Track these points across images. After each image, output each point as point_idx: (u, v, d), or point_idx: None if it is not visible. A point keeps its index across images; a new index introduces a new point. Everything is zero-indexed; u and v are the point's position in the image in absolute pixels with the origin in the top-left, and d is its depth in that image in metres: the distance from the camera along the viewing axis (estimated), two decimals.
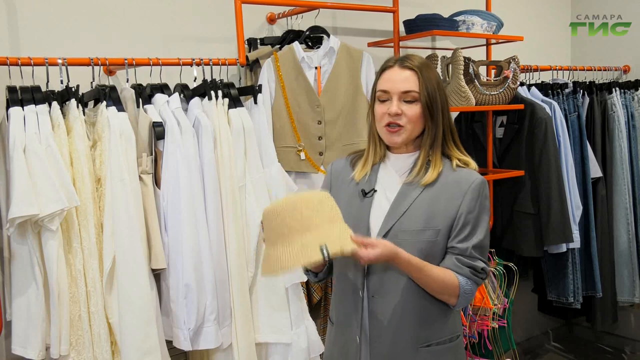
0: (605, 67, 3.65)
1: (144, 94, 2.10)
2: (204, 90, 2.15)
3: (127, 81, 2.09)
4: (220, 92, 2.16)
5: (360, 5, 2.75)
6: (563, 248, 3.09)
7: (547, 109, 3.06)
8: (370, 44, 2.96)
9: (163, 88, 2.16)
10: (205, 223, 2.04)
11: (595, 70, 3.59)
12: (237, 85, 2.27)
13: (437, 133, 1.56)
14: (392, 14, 2.79)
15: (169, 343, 2.06)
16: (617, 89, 3.43)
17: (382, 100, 1.56)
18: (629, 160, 3.41)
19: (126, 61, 2.06)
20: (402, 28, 2.86)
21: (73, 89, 1.93)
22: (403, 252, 1.46)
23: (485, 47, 3.21)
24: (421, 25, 2.76)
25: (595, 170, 3.31)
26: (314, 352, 2.27)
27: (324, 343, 2.30)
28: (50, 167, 1.79)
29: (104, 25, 2.31)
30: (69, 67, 1.97)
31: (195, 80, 2.22)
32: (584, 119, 3.35)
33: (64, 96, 1.94)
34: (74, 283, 1.86)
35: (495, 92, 2.87)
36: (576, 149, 3.25)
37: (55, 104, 1.90)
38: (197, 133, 2.07)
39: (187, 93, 2.18)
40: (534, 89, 3.24)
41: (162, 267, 1.99)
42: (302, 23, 2.69)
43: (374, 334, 1.56)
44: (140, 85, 2.12)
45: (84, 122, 1.94)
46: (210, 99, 2.14)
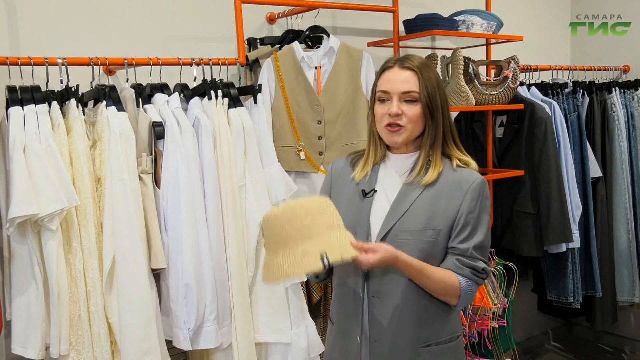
0: (605, 67, 3.65)
1: (144, 94, 2.10)
2: (204, 90, 2.15)
3: (127, 81, 2.09)
4: (220, 92, 2.16)
5: (360, 5, 2.75)
6: (563, 248, 3.09)
7: (547, 109, 3.06)
8: (370, 44, 2.95)
9: (163, 88, 2.16)
10: (205, 223, 2.04)
11: (595, 70, 3.59)
12: (237, 85, 2.27)
13: (437, 133, 1.56)
14: (392, 14, 2.78)
15: (169, 343, 2.06)
16: (617, 89, 3.43)
17: (382, 100, 1.56)
18: (629, 160, 3.41)
19: (126, 61, 2.06)
20: (402, 28, 2.86)
21: (73, 89, 1.93)
22: (404, 256, 1.46)
23: (485, 47, 3.21)
24: (421, 25, 2.76)
25: (595, 170, 3.31)
26: (314, 352, 2.27)
27: (324, 343, 2.30)
28: (50, 167, 1.79)
29: (104, 25, 2.31)
30: (69, 67, 1.97)
31: (195, 80, 2.22)
32: (584, 119, 3.35)
33: (64, 96, 1.94)
34: (74, 283, 1.86)
35: (495, 92, 2.87)
36: (576, 149, 3.25)
37: (55, 104, 1.90)
38: (197, 133, 2.07)
39: (187, 93, 2.18)
40: (534, 89, 3.24)
41: (162, 267, 1.99)
42: (302, 23, 2.69)
43: (374, 334, 1.56)
44: (140, 85, 2.12)
45: (84, 122, 1.94)
46: (210, 99, 2.14)
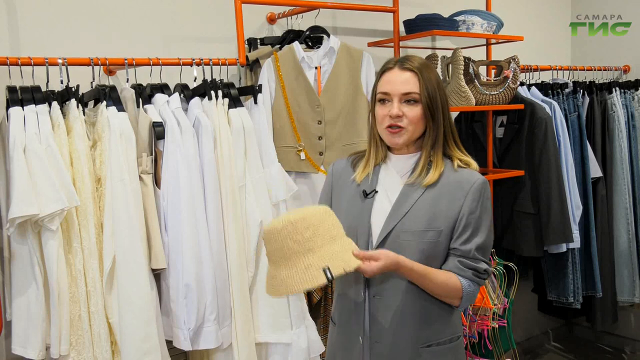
0: (605, 67, 3.65)
1: (144, 94, 2.10)
2: (204, 90, 2.15)
3: (127, 81, 2.09)
4: (220, 92, 2.16)
5: (360, 5, 2.75)
6: (563, 248, 3.09)
7: (547, 109, 3.06)
8: (370, 44, 2.95)
9: (163, 88, 2.16)
10: (205, 223, 2.04)
11: (595, 70, 3.59)
12: (237, 85, 2.27)
13: (438, 134, 1.56)
14: (392, 14, 2.78)
15: (169, 343, 2.06)
16: (617, 88, 3.43)
17: (382, 102, 1.56)
18: (629, 160, 3.41)
19: (126, 61, 2.06)
20: (402, 28, 2.86)
21: (73, 89, 1.93)
22: (406, 261, 1.46)
23: (485, 47, 3.21)
24: (421, 25, 2.76)
25: (595, 170, 3.31)
26: (314, 352, 2.27)
27: (324, 343, 2.30)
28: (50, 167, 1.79)
29: (104, 25, 2.31)
30: (69, 67, 1.97)
31: (195, 80, 2.22)
32: (584, 118, 3.35)
33: (64, 96, 1.94)
34: (74, 283, 1.86)
35: (495, 92, 2.87)
36: (576, 149, 3.25)
37: (55, 104, 1.90)
38: (197, 133, 2.07)
39: (187, 93, 2.18)
40: (534, 88, 3.24)
41: (162, 267, 1.99)
42: (302, 23, 2.69)
43: (375, 334, 1.56)
44: (140, 85, 2.12)
45: (84, 122, 1.94)
46: (210, 99, 2.14)
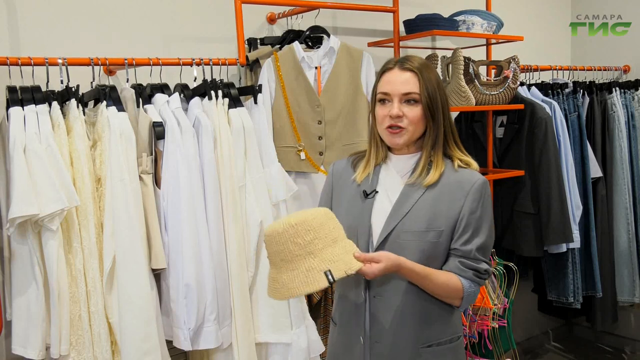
0: (605, 67, 3.65)
1: (144, 94, 2.10)
2: (204, 90, 2.15)
3: (127, 81, 2.09)
4: (220, 92, 2.16)
5: (360, 5, 2.75)
6: (563, 248, 3.09)
7: (547, 109, 3.06)
8: (370, 44, 2.95)
9: (163, 88, 2.16)
10: (205, 223, 2.04)
11: (595, 70, 3.59)
12: (237, 85, 2.27)
13: (438, 134, 1.55)
14: (392, 14, 2.78)
15: (169, 343, 2.06)
16: (617, 88, 3.43)
17: (382, 102, 1.56)
18: (629, 160, 3.41)
19: (126, 61, 2.06)
20: (402, 28, 2.86)
21: (73, 89, 1.93)
22: (407, 262, 1.46)
23: (485, 47, 3.21)
24: (421, 25, 2.76)
25: (595, 170, 3.31)
26: (314, 352, 2.27)
27: (324, 343, 2.30)
28: (50, 167, 1.79)
29: (104, 25, 2.31)
30: (69, 67, 1.97)
31: (195, 80, 2.22)
32: (584, 118, 3.35)
33: (64, 96, 1.94)
34: (74, 283, 1.86)
35: (495, 92, 2.87)
36: (576, 149, 3.25)
37: (55, 104, 1.90)
38: (197, 133, 2.07)
39: (187, 93, 2.18)
40: (534, 88, 3.24)
41: (162, 267, 1.99)
42: (302, 23, 2.69)
43: (375, 334, 1.56)
44: (140, 85, 2.12)
45: (84, 122, 1.94)
46: (210, 98, 2.14)
